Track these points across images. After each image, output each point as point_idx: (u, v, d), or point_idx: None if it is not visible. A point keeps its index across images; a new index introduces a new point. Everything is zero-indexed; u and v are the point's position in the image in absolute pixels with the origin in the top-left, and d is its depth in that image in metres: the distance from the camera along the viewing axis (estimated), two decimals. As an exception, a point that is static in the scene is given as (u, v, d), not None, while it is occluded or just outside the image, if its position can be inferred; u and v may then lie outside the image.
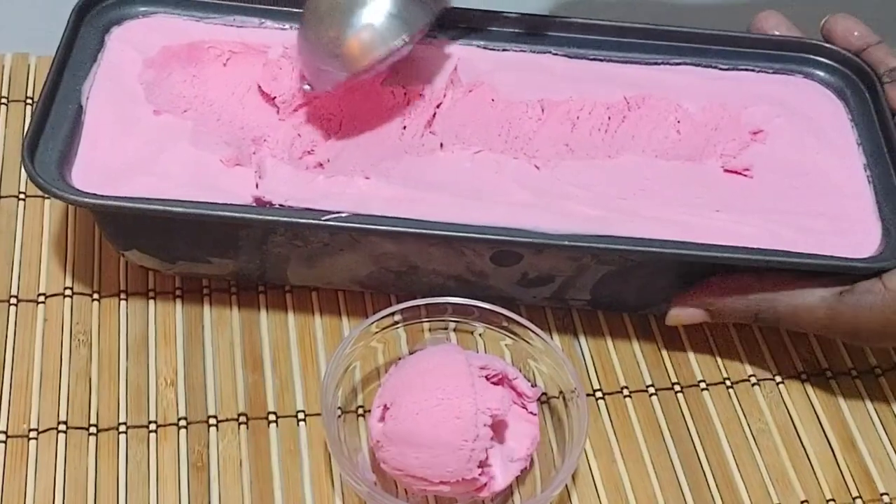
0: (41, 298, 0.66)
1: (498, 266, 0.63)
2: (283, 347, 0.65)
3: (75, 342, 0.64)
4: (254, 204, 0.61)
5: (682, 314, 0.64)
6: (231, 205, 0.60)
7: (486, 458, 0.56)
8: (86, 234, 0.69)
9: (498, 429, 0.58)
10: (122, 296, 0.66)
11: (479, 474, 0.56)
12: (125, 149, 0.63)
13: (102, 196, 0.60)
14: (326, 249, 0.63)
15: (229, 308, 0.66)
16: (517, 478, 0.59)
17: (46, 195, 0.61)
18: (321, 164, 0.65)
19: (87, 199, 0.59)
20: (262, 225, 0.61)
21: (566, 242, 0.60)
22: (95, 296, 0.66)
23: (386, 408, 0.57)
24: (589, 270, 0.63)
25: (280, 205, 0.60)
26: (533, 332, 0.61)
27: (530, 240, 0.60)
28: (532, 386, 0.60)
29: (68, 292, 0.66)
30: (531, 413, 0.60)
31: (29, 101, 0.76)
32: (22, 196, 0.70)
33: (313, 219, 0.59)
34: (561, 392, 0.61)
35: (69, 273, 0.67)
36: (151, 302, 0.66)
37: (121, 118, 0.64)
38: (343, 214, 0.59)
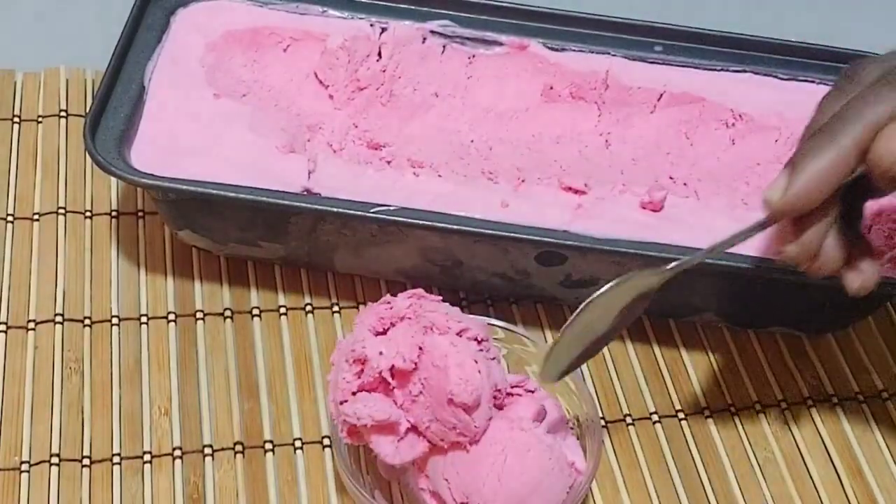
0: (31, 325, 0.64)
1: (542, 266, 0.63)
2: (279, 373, 0.64)
3: (67, 370, 0.63)
4: (304, 194, 0.62)
5: (864, 281, 0.53)
6: (284, 192, 0.61)
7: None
8: (75, 257, 0.67)
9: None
10: (115, 321, 0.65)
11: (572, 471, 0.55)
12: (184, 131, 0.64)
13: (160, 177, 0.61)
14: (374, 240, 0.64)
15: (223, 333, 0.65)
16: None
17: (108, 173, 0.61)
18: (373, 156, 0.67)
19: (144, 180, 0.60)
20: (312, 213, 0.61)
21: (608, 248, 0.60)
22: (87, 321, 0.65)
23: None
24: None
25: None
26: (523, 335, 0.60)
27: (573, 242, 0.60)
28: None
29: (59, 318, 0.64)
30: (530, 391, 0.57)
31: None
32: (10, 218, 0.69)
33: (362, 210, 0.60)
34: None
35: (59, 298, 0.65)
36: (144, 327, 0.65)
37: (181, 100, 0.65)
38: (391, 207, 0.60)
